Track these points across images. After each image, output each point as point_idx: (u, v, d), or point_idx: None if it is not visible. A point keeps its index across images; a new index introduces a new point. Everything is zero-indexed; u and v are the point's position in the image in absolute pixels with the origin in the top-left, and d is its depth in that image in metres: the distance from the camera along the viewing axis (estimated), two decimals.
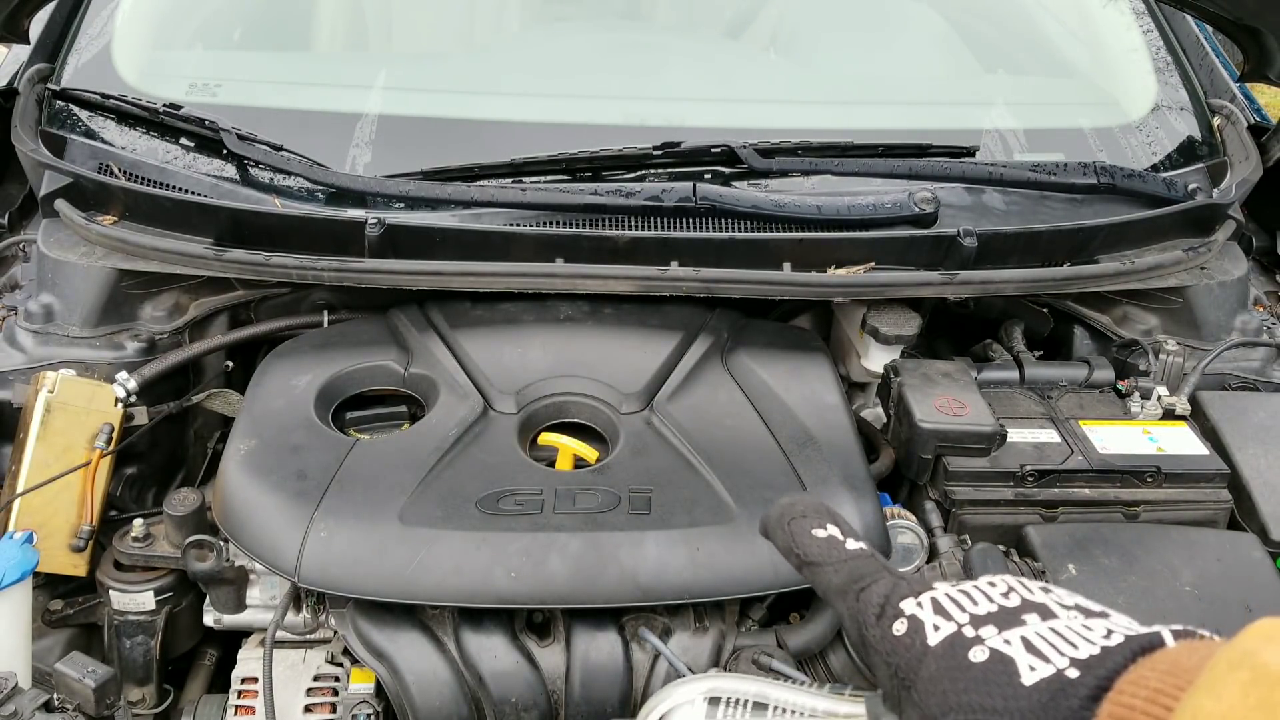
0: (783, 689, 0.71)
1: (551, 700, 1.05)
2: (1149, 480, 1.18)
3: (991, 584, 0.57)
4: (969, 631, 0.53)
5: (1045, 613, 0.53)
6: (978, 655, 0.51)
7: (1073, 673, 0.48)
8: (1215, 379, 1.41)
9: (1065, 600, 0.54)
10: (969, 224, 1.36)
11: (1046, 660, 0.49)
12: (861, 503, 1.09)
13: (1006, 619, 0.53)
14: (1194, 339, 1.45)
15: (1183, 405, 1.28)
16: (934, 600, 0.56)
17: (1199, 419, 1.29)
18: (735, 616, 1.11)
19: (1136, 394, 1.30)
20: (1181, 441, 1.23)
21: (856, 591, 0.61)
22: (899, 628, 0.56)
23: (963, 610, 0.55)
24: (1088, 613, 0.53)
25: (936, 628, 0.54)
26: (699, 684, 0.74)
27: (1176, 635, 0.49)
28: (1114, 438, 1.23)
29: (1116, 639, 0.49)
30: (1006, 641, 0.51)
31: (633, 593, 1.02)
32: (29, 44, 1.58)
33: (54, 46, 1.62)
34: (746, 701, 0.71)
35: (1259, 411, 1.31)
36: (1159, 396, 1.29)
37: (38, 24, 1.59)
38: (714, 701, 0.72)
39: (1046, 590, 0.56)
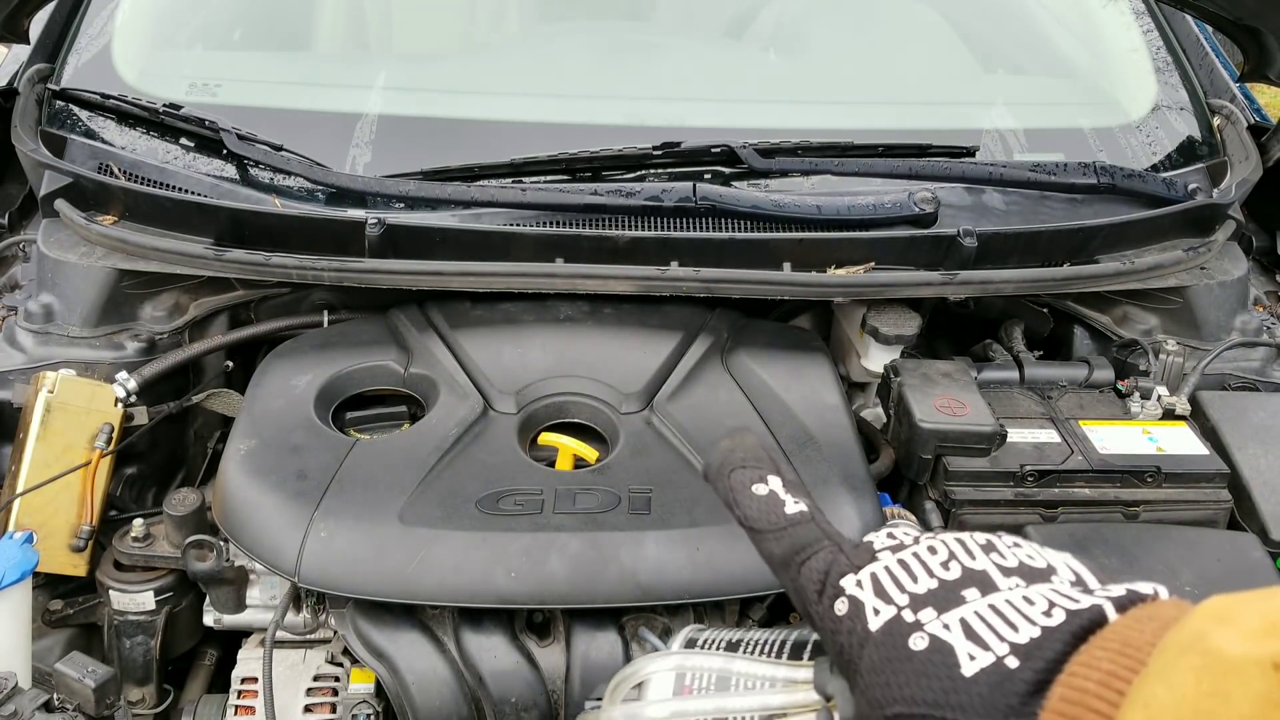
0: (744, 661, 0.71)
1: (551, 700, 1.05)
2: (1149, 480, 1.18)
3: (932, 550, 0.54)
4: (909, 616, 0.51)
5: (986, 584, 0.50)
6: (917, 643, 0.49)
7: (1012, 661, 0.46)
8: (1215, 379, 1.41)
9: (1008, 560, 0.52)
10: (969, 224, 1.36)
11: (986, 647, 0.47)
12: (861, 503, 1.09)
13: (945, 598, 0.51)
14: (1194, 339, 1.45)
15: (1183, 405, 1.28)
16: (874, 577, 0.54)
17: (1199, 419, 1.29)
18: (735, 616, 1.11)
19: (1136, 394, 1.30)
20: (1181, 441, 1.23)
21: (798, 564, 0.58)
22: (840, 607, 0.54)
23: (902, 590, 0.52)
24: (1030, 576, 0.50)
25: (877, 611, 0.52)
26: (666, 660, 0.74)
27: (1119, 605, 0.47)
28: (1114, 438, 1.23)
29: (1058, 616, 0.47)
30: (945, 626, 0.49)
31: (633, 593, 1.02)
32: (29, 44, 1.58)
33: (54, 46, 1.62)
34: (711, 674, 0.72)
35: (1259, 411, 1.31)
36: (1159, 396, 1.29)
37: (37, 24, 1.59)
38: (680, 677, 0.73)
39: (989, 549, 0.53)
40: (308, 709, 1.10)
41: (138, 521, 1.17)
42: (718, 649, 0.74)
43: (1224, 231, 1.49)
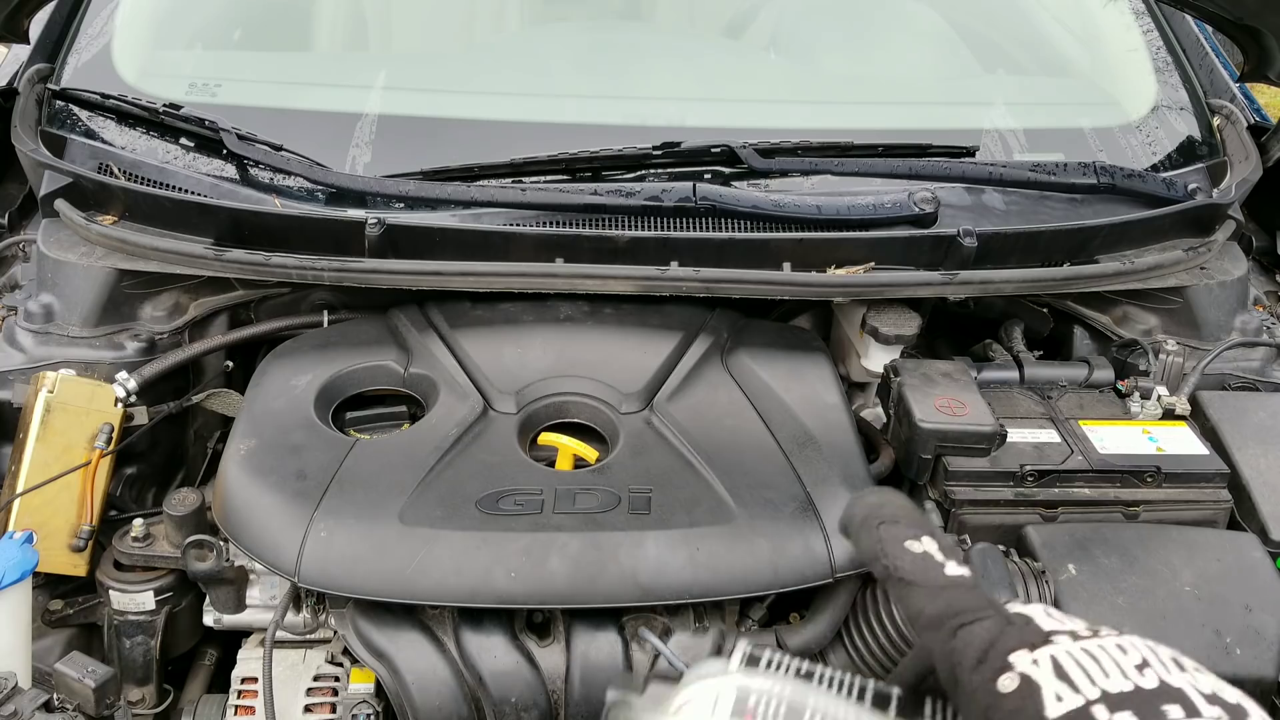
0: (823, 697, 0.64)
1: (551, 700, 1.05)
2: (1149, 480, 1.18)
3: (1122, 649, 0.49)
4: (1100, 713, 0.46)
5: (1188, 706, 0.46)
6: None
7: None
8: (1215, 379, 1.41)
9: (1202, 686, 0.47)
10: (969, 224, 1.36)
11: None
12: None
13: (1145, 706, 0.46)
14: (1194, 339, 1.45)
15: (1183, 405, 1.28)
16: (1054, 660, 0.49)
17: (1199, 419, 1.29)
18: (735, 616, 1.11)
19: (1136, 394, 1.30)
20: (1181, 441, 1.23)
21: (954, 628, 0.54)
22: (1006, 683, 0.50)
23: (1091, 682, 0.47)
24: (1228, 709, 0.46)
25: (1059, 698, 0.47)
26: (726, 679, 0.66)
27: None
28: (1114, 438, 1.23)
29: None
30: None
31: (632, 593, 1.02)
32: (29, 44, 1.58)
33: (54, 46, 1.62)
34: (779, 703, 0.64)
35: (1259, 411, 1.31)
36: (1159, 396, 1.29)
37: (37, 24, 1.59)
38: (742, 700, 0.65)
39: (1180, 665, 0.49)
40: (308, 709, 1.10)
41: (138, 521, 1.17)
42: (786, 674, 0.67)
43: (1224, 231, 1.49)
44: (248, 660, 1.14)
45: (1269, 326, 1.51)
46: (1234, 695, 0.47)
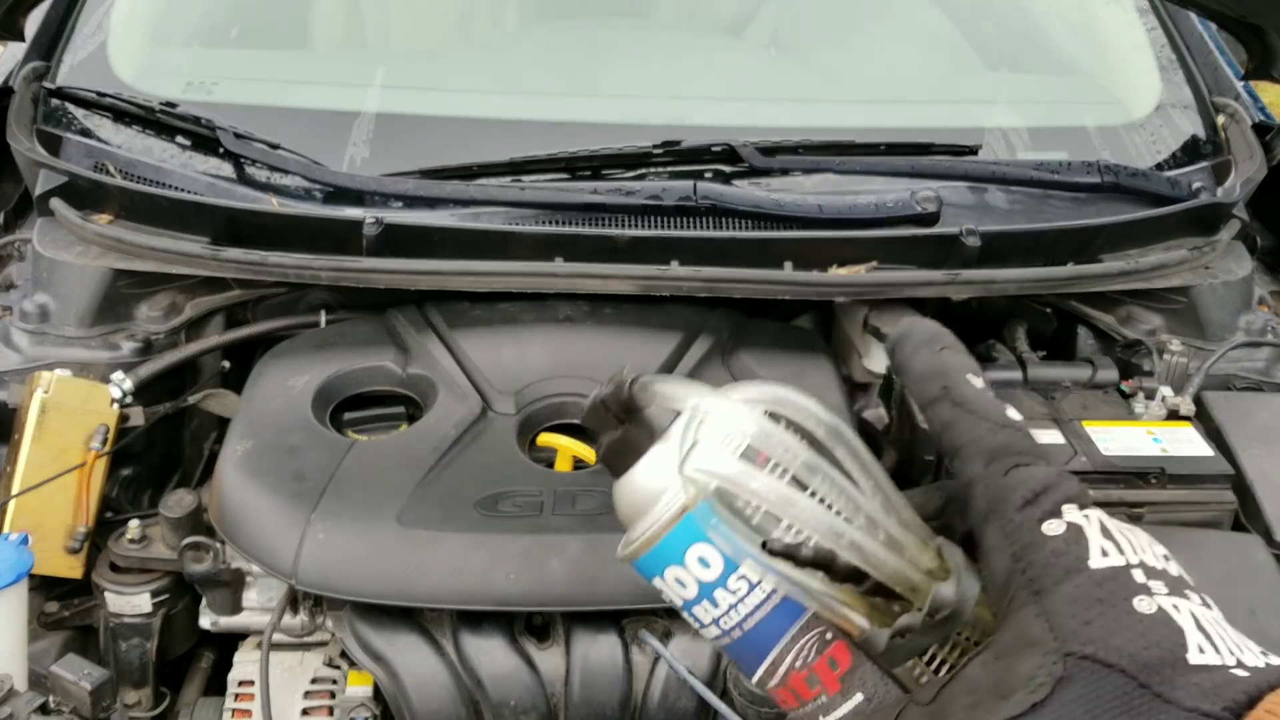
0: (860, 447, 0.58)
1: (551, 703, 1.04)
2: (1153, 481, 1.18)
3: (1152, 541, 0.51)
4: (1139, 576, 0.48)
5: (1204, 600, 0.49)
6: (1143, 605, 0.47)
7: (1240, 672, 0.45)
8: (1220, 379, 1.40)
9: (1211, 604, 0.50)
10: (972, 223, 1.35)
11: (1215, 650, 0.46)
12: None
13: (1174, 584, 0.48)
14: (1198, 339, 1.45)
15: (1187, 406, 1.28)
16: (1101, 523, 0.51)
17: (1203, 419, 1.28)
18: None
19: (1140, 394, 1.30)
20: (1186, 442, 1.22)
21: (1009, 464, 0.54)
22: (1052, 527, 0.50)
23: (1134, 550, 0.49)
24: (1231, 620, 0.49)
25: (1105, 552, 0.49)
26: (761, 388, 0.60)
27: None
28: (1117, 438, 1.22)
29: (1275, 659, 0.46)
30: (1176, 608, 0.47)
31: (633, 595, 1.01)
32: (24, 42, 1.57)
33: (49, 44, 1.61)
34: (813, 436, 0.58)
35: (1263, 412, 1.30)
36: (1163, 397, 1.28)
37: (33, 22, 1.58)
38: (774, 417, 0.58)
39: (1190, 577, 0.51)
40: (305, 712, 1.10)
41: (134, 523, 1.16)
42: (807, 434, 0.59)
43: (1228, 231, 1.48)
44: (244, 663, 1.14)
45: (1274, 326, 1.51)
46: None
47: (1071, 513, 0.51)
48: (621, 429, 0.63)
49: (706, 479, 0.57)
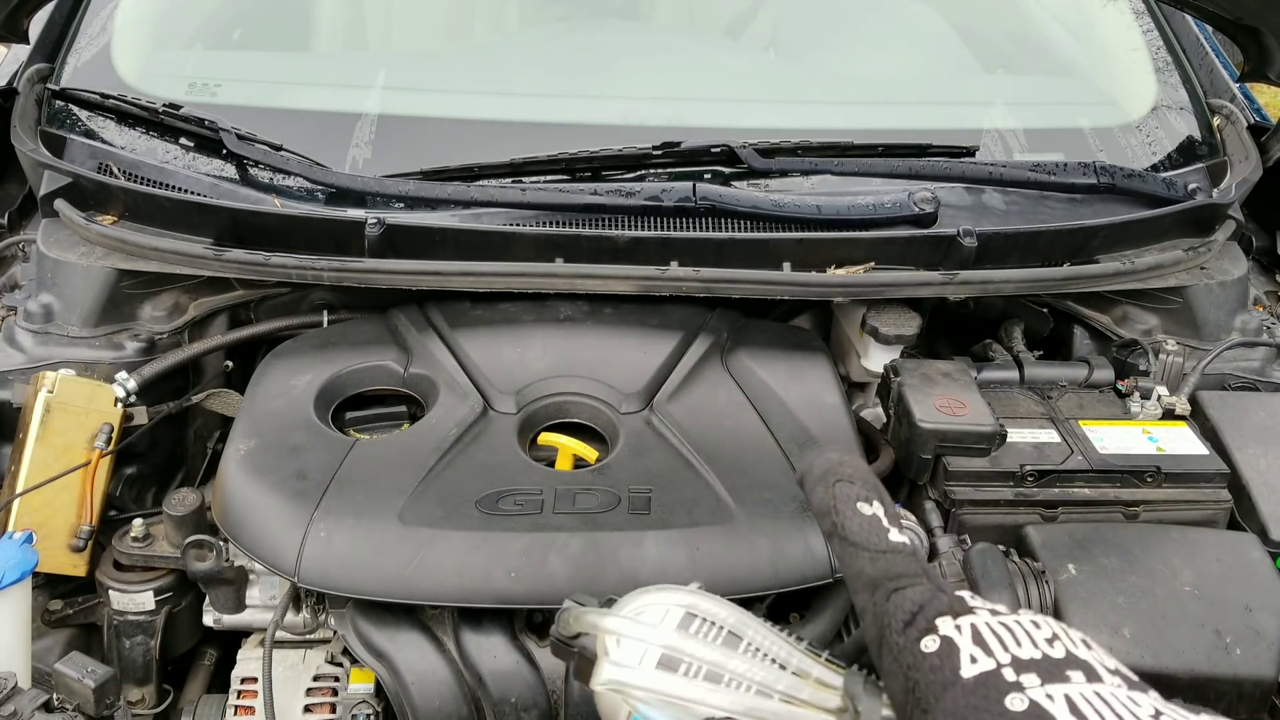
0: (764, 630, 0.69)
1: (551, 700, 1.05)
2: (1149, 480, 1.18)
3: (1036, 624, 0.53)
4: (1009, 675, 0.50)
5: (1090, 673, 0.50)
6: (1015, 703, 0.48)
7: None
8: (1215, 379, 1.41)
9: (1107, 662, 0.51)
10: (969, 224, 1.35)
11: None
12: None
13: (1051, 670, 0.50)
14: (1194, 339, 1.45)
15: (1183, 405, 1.28)
16: (974, 628, 0.53)
17: (1199, 419, 1.29)
18: None
19: (1136, 394, 1.30)
20: (1181, 441, 1.23)
21: (889, 590, 0.57)
22: (929, 644, 0.53)
23: (1004, 648, 0.51)
24: (1129, 683, 0.50)
25: (974, 660, 0.51)
26: (678, 595, 0.72)
27: None
28: (1114, 438, 1.23)
29: None
30: (1049, 697, 0.48)
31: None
32: (29, 44, 1.58)
33: (53, 46, 1.62)
34: (721, 628, 0.70)
35: (1259, 411, 1.31)
36: (1159, 396, 1.29)
37: (37, 24, 1.59)
38: (689, 617, 0.71)
39: (1089, 646, 0.52)
40: (307, 709, 1.10)
41: (137, 521, 1.17)
42: (732, 610, 0.71)
43: (1224, 231, 1.49)
44: (247, 660, 1.15)
45: (1269, 326, 1.51)
46: (1134, 677, 0.51)
47: (945, 625, 0.54)
48: (576, 656, 0.75)
49: (618, 689, 0.68)
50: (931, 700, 0.51)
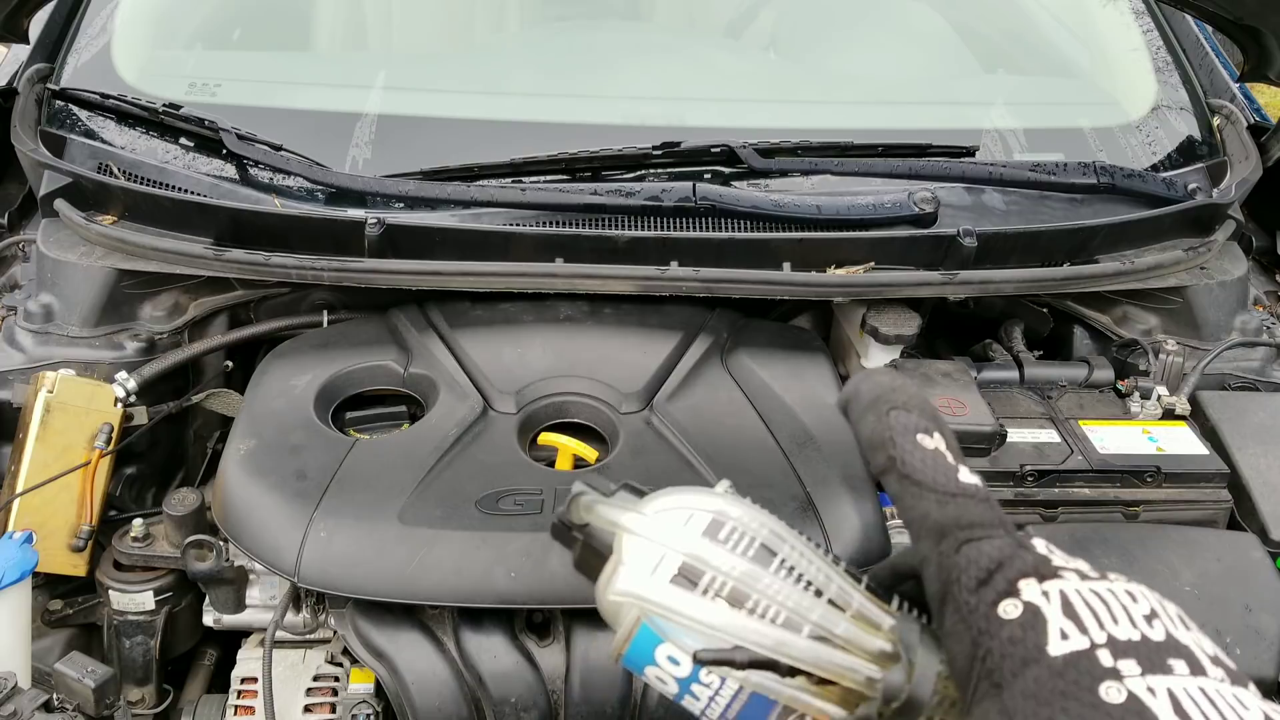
0: (800, 547, 0.60)
1: (551, 700, 1.04)
2: (1149, 480, 1.18)
3: (1132, 596, 0.46)
4: (1104, 658, 0.43)
5: (1193, 664, 0.43)
6: (1111, 694, 0.42)
7: None
8: (1215, 379, 1.41)
9: (1206, 647, 0.45)
10: (969, 224, 1.36)
11: None
12: (861, 503, 1.09)
13: (1152, 658, 0.43)
14: (1194, 339, 1.45)
15: (1182, 405, 1.28)
16: (1064, 596, 0.46)
17: (1199, 419, 1.29)
18: None
19: (1136, 394, 1.30)
20: (1181, 441, 1.23)
21: (959, 540, 0.50)
22: (1008, 609, 0.46)
23: (1100, 625, 0.44)
24: (1232, 675, 0.44)
25: (1064, 635, 0.44)
26: (706, 498, 0.63)
27: None
28: (1114, 438, 1.23)
29: None
30: (1150, 690, 0.41)
31: None
32: (28, 44, 1.58)
33: (53, 46, 1.62)
34: (753, 539, 0.60)
35: (1259, 411, 1.31)
36: (1159, 396, 1.29)
37: (37, 24, 1.59)
38: (717, 524, 0.61)
39: (1186, 625, 0.46)
40: (307, 709, 1.10)
41: (137, 521, 1.17)
42: (766, 519, 0.63)
43: (1224, 231, 1.49)
44: (247, 660, 1.14)
45: (1269, 326, 1.51)
46: (1233, 665, 0.45)
47: (1029, 590, 0.47)
48: (580, 546, 0.69)
49: (633, 600, 0.62)
50: (1008, 675, 0.44)
